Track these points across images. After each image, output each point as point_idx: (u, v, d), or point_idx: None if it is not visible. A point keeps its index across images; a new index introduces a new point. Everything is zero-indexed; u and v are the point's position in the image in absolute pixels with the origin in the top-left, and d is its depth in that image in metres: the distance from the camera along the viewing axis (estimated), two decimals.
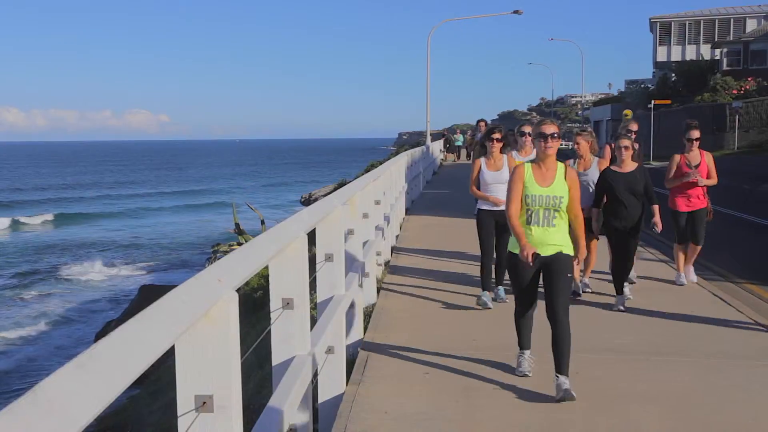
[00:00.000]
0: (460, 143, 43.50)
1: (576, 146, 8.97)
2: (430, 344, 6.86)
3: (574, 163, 8.84)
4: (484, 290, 8.28)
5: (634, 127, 9.89)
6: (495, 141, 8.28)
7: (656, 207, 8.46)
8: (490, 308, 8.03)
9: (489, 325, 7.47)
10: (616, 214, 8.36)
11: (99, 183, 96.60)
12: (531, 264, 5.47)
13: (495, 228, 8.43)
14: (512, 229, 5.75)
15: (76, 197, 75.62)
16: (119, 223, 54.20)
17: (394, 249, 12.17)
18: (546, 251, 5.63)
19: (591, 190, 8.66)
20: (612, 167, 8.48)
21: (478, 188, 8.48)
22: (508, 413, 5.14)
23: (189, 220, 54.97)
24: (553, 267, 5.61)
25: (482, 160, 8.46)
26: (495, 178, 8.30)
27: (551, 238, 5.65)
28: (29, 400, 1.45)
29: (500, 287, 8.59)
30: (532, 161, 5.79)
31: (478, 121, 18.55)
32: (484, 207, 8.47)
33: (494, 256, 8.56)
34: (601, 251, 9.36)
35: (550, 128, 5.65)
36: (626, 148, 8.34)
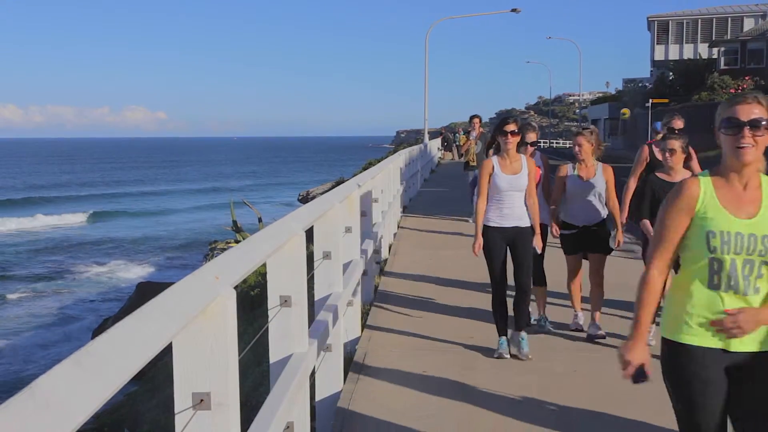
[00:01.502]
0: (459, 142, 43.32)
1: (577, 148, 7.10)
2: (427, 341, 6.87)
3: (574, 168, 7.15)
4: (500, 335, 6.49)
5: (679, 123, 7.83)
6: (509, 135, 6.41)
7: None
8: (506, 358, 6.33)
9: (487, 322, 7.47)
10: None
11: (103, 181, 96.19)
12: None
13: (511, 250, 6.51)
14: (639, 300, 3.15)
15: (85, 195, 74.92)
16: (133, 222, 53.81)
17: (391, 247, 12.17)
18: (746, 344, 3.03)
19: (599, 204, 7.08)
20: (658, 174, 6.50)
21: (487, 197, 6.54)
22: (506, 410, 5.14)
23: (192, 219, 54.88)
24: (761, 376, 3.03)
25: (495, 160, 6.49)
26: (512, 184, 6.42)
27: (758, 317, 3.00)
28: (26, 397, 1.44)
29: (522, 333, 6.53)
30: (711, 172, 3.16)
31: (472, 117, 15.37)
32: (493, 222, 6.49)
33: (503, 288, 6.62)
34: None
35: (754, 109, 3.01)
36: (674, 151, 6.41)
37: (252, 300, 11.80)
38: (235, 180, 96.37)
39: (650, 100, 47.62)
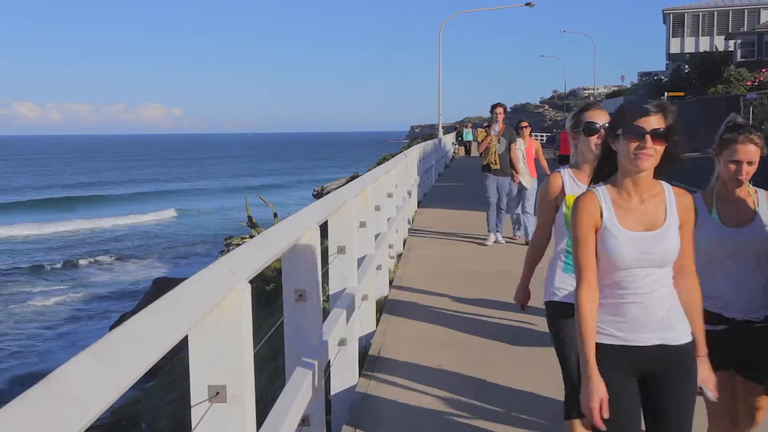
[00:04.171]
0: (470, 138, 42.80)
1: (735, 167, 3.50)
2: (443, 335, 6.87)
3: (708, 206, 3.60)
4: None
5: None
6: (649, 141, 2.73)
7: None
8: None
9: (500, 316, 7.46)
10: None
11: (136, 179, 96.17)
12: None
13: (645, 393, 2.91)
14: None
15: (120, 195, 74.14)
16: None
17: (406, 241, 12.18)
18: None
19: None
20: None
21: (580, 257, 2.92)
22: (523, 404, 5.13)
23: (210, 215, 54.89)
24: None
25: (602, 194, 2.88)
26: (649, 252, 2.82)
27: None
28: (43, 388, 1.46)
29: None
30: None
31: (494, 107, 11.76)
32: (608, 333, 2.88)
33: None
34: None
35: None
36: None
37: (267, 295, 11.84)
38: (251, 177, 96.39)
39: (666, 94, 47.37)
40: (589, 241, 2.87)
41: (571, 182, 3.87)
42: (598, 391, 2.79)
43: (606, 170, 2.95)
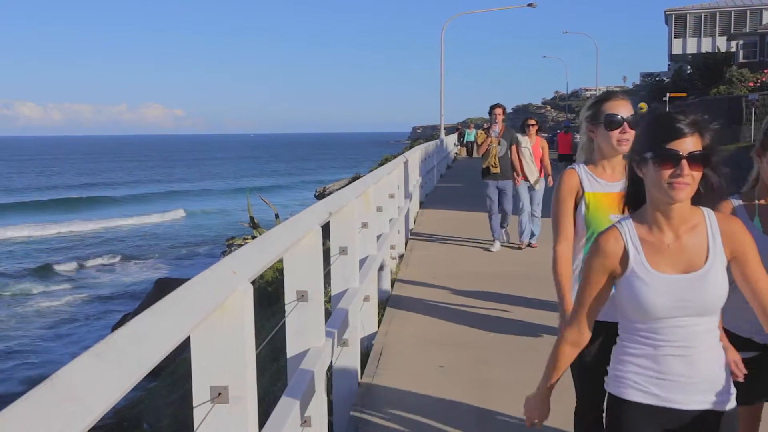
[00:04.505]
0: (472, 138, 42.77)
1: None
2: (444, 337, 6.87)
3: (749, 211, 3.09)
4: None
5: None
6: (684, 169, 2.27)
7: None
8: None
9: (502, 316, 7.46)
10: None
11: (152, 180, 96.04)
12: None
13: None
14: None
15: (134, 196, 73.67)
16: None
17: (408, 242, 12.18)
18: None
19: None
20: None
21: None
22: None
23: (211, 216, 54.86)
24: None
25: (628, 231, 2.44)
26: (689, 298, 2.36)
27: None
28: (47, 388, 1.46)
29: None
30: None
31: (493, 108, 11.23)
32: (637, 391, 2.47)
33: None
34: None
35: None
36: None
37: (269, 296, 11.84)
38: (254, 177, 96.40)
39: (668, 95, 47.30)
40: (594, 287, 2.48)
41: (589, 178, 3.41)
42: (539, 414, 2.92)
43: (637, 200, 2.47)
